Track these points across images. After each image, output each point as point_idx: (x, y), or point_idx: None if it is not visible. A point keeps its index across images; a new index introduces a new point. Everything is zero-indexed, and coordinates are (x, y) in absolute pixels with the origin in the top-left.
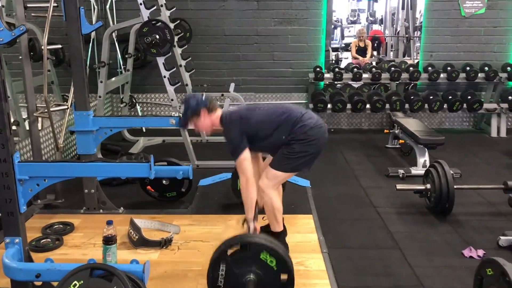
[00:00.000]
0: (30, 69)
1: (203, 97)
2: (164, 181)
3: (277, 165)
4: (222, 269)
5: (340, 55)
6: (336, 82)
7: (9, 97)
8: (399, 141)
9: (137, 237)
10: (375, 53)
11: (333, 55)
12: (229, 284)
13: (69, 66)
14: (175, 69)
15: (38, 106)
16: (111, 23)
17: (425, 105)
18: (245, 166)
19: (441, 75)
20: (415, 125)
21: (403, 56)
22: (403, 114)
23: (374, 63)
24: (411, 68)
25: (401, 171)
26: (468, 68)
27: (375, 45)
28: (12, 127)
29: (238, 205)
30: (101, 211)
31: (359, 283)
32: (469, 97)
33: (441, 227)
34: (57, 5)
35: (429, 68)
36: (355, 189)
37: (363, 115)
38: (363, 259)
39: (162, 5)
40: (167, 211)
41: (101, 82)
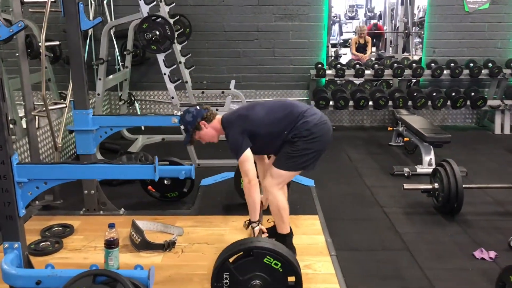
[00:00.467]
0: (27, 66)
1: (198, 109)
2: (165, 181)
3: (281, 163)
4: (226, 278)
5: (339, 51)
6: (337, 78)
7: None
8: (404, 139)
9: (139, 239)
10: (374, 49)
11: (332, 51)
12: None
13: (65, 63)
14: (175, 66)
15: (35, 104)
16: (108, 19)
17: (428, 102)
18: (247, 166)
19: (444, 72)
20: (420, 123)
21: (403, 52)
22: (406, 111)
23: (373, 59)
24: (414, 64)
25: (407, 169)
26: (471, 64)
27: (374, 41)
28: (10, 127)
29: (242, 205)
30: (101, 212)
31: (369, 287)
32: (473, 94)
33: (450, 227)
34: (55, 0)
35: (432, 64)
36: (360, 188)
37: (365, 112)
38: (372, 261)
39: (161, 0)
40: (169, 212)
41: (100, 79)
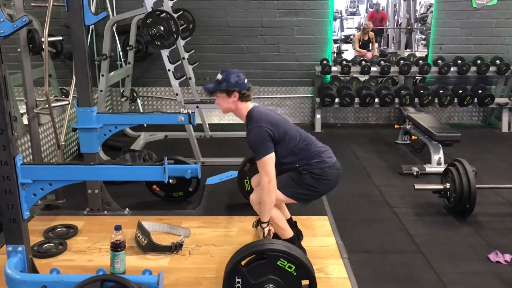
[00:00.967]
0: (29, 62)
1: (245, 81)
2: (171, 180)
3: (283, 187)
4: (238, 282)
5: (341, 47)
6: (342, 75)
7: None
8: (412, 137)
9: (146, 241)
10: (376, 45)
11: (334, 47)
12: None
13: (66, 58)
14: (179, 62)
15: (37, 100)
16: (111, 14)
17: (435, 100)
18: (269, 167)
19: (451, 69)
20: (429, 121)
21: (405, 48)
22: (413, 108)
23: (378, 56)
24: (421, 61)
25: (415, 168)
26: (479, 61)
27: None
28: (13, 127)
29: (248, 205)
30: (105, 212)
31: None
32: (480, 91)
33: (462, 229)
34: None
35: (439, 61)
36: (368, 187)
37: (370, 110)
38: (384, 264)
39: None
40: (174, 212)
41: (103, 75)
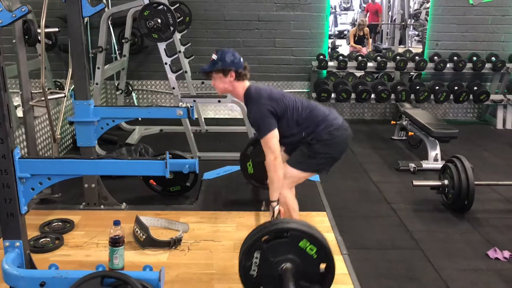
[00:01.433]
0: (24, 54)
1: (241, 60)
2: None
3: (296, 163)
4: (256, 257)
5: (335, 42)
6: (339, 70)
7: None
8: (409, 133)
9: (144, 236)
10: (370, 40)
11: (329, 43)
12: (263, 273)
13: (61, 50)
14: (176, 55)
15: (32, 93)
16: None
17: (431, 96)
18: (273, 143)
19: (447, 65)
20: (426, 117)
21: (399, 44)
22: (409, 104)
23: (375, 51)
24: (417, 57)
25: (412, 165)
26: (474, 58)
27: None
28: (12, 119)
29: (246, 200)
30: (102, 207)
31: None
32: (475, 88)
33: (461, 225)
34: None
35: (435, 57)
36: (366, 183)
37: (366, 105)
38: (384, 261)
39: None
40: (172, 207)
41: (98, 68)
